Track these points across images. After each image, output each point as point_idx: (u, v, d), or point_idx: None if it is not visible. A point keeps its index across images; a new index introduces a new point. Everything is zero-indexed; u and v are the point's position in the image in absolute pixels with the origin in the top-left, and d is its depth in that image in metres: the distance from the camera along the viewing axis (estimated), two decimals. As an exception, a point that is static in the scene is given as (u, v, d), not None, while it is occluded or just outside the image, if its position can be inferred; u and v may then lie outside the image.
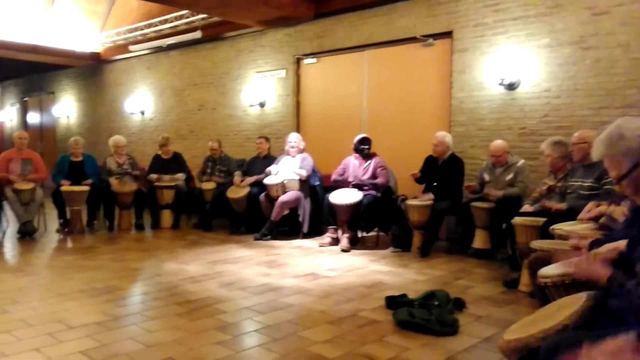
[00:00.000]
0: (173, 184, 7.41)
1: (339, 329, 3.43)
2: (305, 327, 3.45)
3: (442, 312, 3.53)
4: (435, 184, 5.95)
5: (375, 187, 6.19)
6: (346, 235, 6.10)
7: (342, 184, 6.36)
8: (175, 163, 7.75)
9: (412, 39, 6.88)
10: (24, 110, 15.12)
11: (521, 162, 5.51)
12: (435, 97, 6.84)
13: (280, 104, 8.44)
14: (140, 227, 7.33)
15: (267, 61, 8.55)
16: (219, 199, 7.11)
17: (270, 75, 8.49)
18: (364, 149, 6.37)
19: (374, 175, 6.27)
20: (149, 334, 3.28)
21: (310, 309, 3.84)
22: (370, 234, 6.60)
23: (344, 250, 5.97)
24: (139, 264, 5.30)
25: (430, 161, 6.14)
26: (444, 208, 5.76)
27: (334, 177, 6.48)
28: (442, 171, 5.95)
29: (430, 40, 6.73)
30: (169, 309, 3.81)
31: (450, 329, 3.35)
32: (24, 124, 14.92)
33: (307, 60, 8.16)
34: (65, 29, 11.20)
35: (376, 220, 6.29)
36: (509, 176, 5.48)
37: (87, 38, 11.39)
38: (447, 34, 6.58)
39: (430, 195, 5.88)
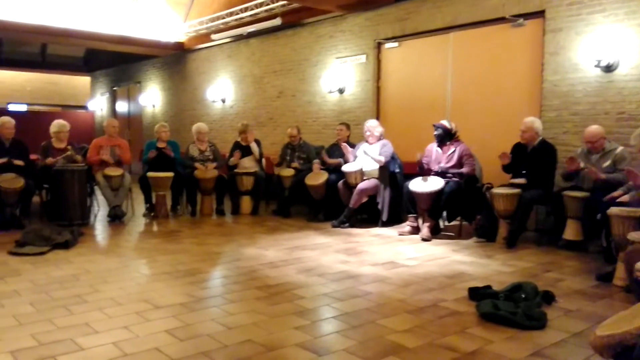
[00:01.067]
0: (253, 170, 7.50)
1: (418, 318, 3.32)
2: (383, 316, 3.37)
3: (529, 305, 3.34)
4: (524, 172, 5.61)
5: (460, 176, 5.94)
6: (427, 224, 5.91)
7: (425, 172, 6.14)
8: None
9: (500, 20, 6.57)
10: (113, 99, 15.97)
11: (620, 148, 5.09)
12: (525, 81, 6.47)
13: (360, 89, 8.31)
14: (220, 212, 7.50)
15: (347, 46, 8.44)
16: (298, 186, 7.12)
17: (350, 61, 8.38)
18: (435, 135, 6.13)
19: (459, 164, 6.01)
20: (229, 317, 3.32)
21: (389, 297, 3.76)
22: (453, 223, 6.36)
23: (424, 240, 5.79)
24: (220, 248, 5.40)
25: (518, 148, 5.79)
26: (533, 197, 5.43)
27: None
28: (532, 158, 5.60)
29: (521, 20, 6.40)
30: (249, 292, 3.84)
31: (537, 322, 3.18)
32: (113, 113, 15.76)
33: (388, 45, 7.96)
34: (152, 20, 11.67)
35: (459, 209, 6.04)
36: (606, 163, 5.08)
37: (172, 28, 11.81)
38: (539, 14, 6.21)
39: (521, 180, 5.54)
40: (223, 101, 11.22)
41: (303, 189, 7.02)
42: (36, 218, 6.73)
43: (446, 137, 6.12)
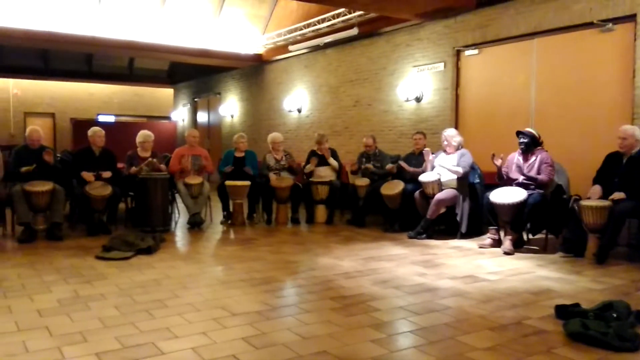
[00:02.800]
0: (328, 179, 7.49)
1: (501, 336, 3.14)
2: (463, 332, 3.21)
3: (622, 325, 3.09)
4: (616, 180, 5.21)
5: (535, 183, 5.61)
6: (509, 237, 5.61)
7: (506, 182, 5.86)
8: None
9: (587, 25, 6.26)
10: (194, 110, 16.62)
11: None
12: (615, 88, 6.11)
13: (438, 98, 8.12)
14: (295, 221, 7.53)
15: (425, 54, 8.29)
16: (373, 196, 7.02)
17: (428, 69, 8.21)
18: (520, 143, 5.82)
19: (538, 173, 5.68)
20: (304, 326, 3.29)
21: (469, 313, 3.59)
22: (537, 236, 6.01)
23: (506, 253, 5.50)
24: (295, 257, 5.40)
25: (612, 158, 5.39)
26: (627, 210, 5.02)
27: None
28: (629, 168, 5.19)
29: (610, 25, 6.07)
30: (324, 303, 3.80)
31: (630, 344, 2.94)
32: (194, 123, 16.39)
33: (468, 52, 7.73)
34: (231, 33, 12.05)
35: (544, 222, 5.69)
36: None
37: (251, 41, 12.13)
38: (629, 18, 5.87)
39: (621, 195, 5.13)
40: (299, 111, 11.35)
41: (378, 198, 6.91)
42: (122, 224, 7.07)
43: (532, 146, 5.81)
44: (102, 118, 18.57)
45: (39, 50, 15.39)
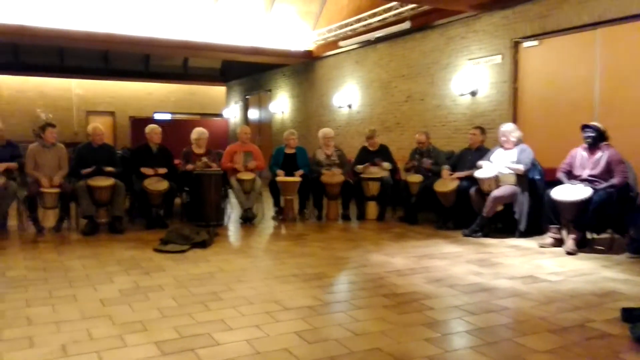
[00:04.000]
0: (379, 176, 7.41)
1: (563, 339, 3.02)
2: (522, 334, 3.10)
3: None
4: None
5: (611, 187, 5.33)
6: (572, 236, 5.37)
7: (568, 180, 5.61)
8: (381, 155, 7.74)
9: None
10: (245, 107, 16.88)
11: None
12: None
13: (495, 91, 7.87)
14: (346, 217, 7.50)
15: (481, 47, 8.06)
16: (426, 192, 6.88)
17: (484, 62, 7.98)
18: (587, 137, 5.54)
19: (607, 171, 5.40)
20: (356, 323, 3.27)
21: (529, 314, 3.46)
22: (602, 235, 5.72)
23: (569, 253, 5.27)
24: (346, 253, 5.37)
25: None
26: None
27: (559, 174, 5.76)
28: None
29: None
30: (376, 300, 3.76)
31: None
32: (246, 120, 16.65)
33: (527, 44, 7.46)
34: (282, 30, 12.14)
35: (610, 221, 5.41)
36: None
37: (301, 37, 12.19)
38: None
39: None
40: (349, 107, 11.31)
41: (432, 195, 6.77)
42: (177, 218, 7.25)
43: (598, 140, 5.53)
44: (158, 116, 19.13)
45: (100, 52, 16.06)
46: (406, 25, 8.88)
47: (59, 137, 6.74)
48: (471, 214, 6.32)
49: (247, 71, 15.98)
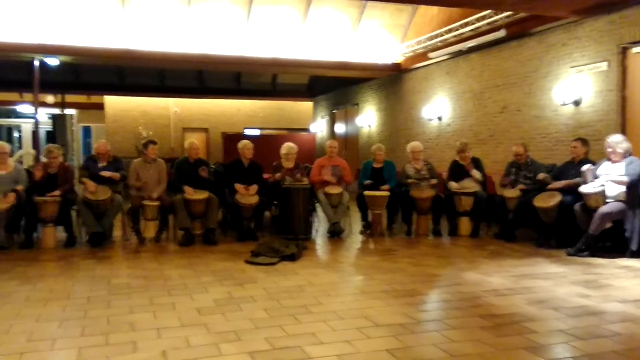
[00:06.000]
0: (472, 190, 7.13)
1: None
2: (636, 362, 2.83)
3: None
4: None
5: None
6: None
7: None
8: (474, 168, 7.45)
9: None
10: (332, 122, 17.05)
11: None
12: None
13: (600, 100, 7.33)
14: (437, 233, 7.27)
15: (584, 54, 7.55)
16: (524, 208, 6.50)
17: (587, 69, 7.47)
18: None
19: None
20: (451, 343, 3.15)
21: (644, 341, 3.17)
22: None
23: (690, 277, 4.75)
24: (438, 270, 5.20)
25: None
26: None
27: None
28: None
29: None
30: (472, 320, 3.60)
31: None
32: (332, 134, 16.80)
33: (636, 49, 6.89)
34: (369, 44, 12.15)
35: None
36: None
37: (388, 50, 12.13)
38: None
39: None
40: (439, 119, 11.04)
41: (531, 211, 6.38)
42: (267, 231, 7.38)
43: None
44: (248, 131, 19.80)
45: (195, 72, 16.92)
46: (501, 33, 8.55)
47: (157, 152, 7.11)
48: (575, 232, 5.89)
49: (334, 86, 16.17)
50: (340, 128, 16.55)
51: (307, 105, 19.79)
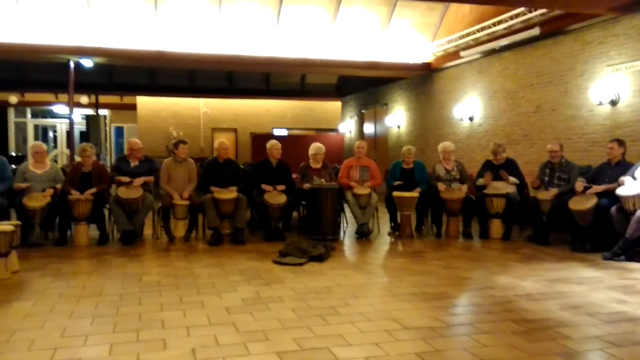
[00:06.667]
0: (504, 191, 6.97)
1: None
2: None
3: None
4: None
5: None
6: None
7: None
8: (507, 169, 7.28)
9: None
10: (360, 122, 16.94)
11: None
12: None
13: (638, 100, 7.11)
14: (467, 235, 7.14)
15: (622, 52, 7.34)
16: (559, 211, 6.33)
17: (625, 68, 7.25)
18: None
19: None
20: (482, 348, 3.08)
21: (687, 350, 3.04)
22: None
23: None
24: (469, 273, 5.11)
25: None
26: None
27: None
28: None
29: None
30: (503, 325, 3.52)
31: None
32: (361, 134, 16.70)
33: (676, 46, 6.67)
34: (399, 43, 12.06)
35: None
36: None
37: (419, 49, 12.02)
38: None
39: None
40: (471, 119, 10.88)
41: (566, 214, 6.21)
42: (294, 231, 7.38)
43: None
44: (276, 131, 19.90)
45: (225, 72, 17.09)
46: (535, 31, 8.36)
47: (187, 152, 7.18)
48: (612, 235, 5.73)
49: (363, 86, 16.10)
50: (369, 128, 16.45)
51: (335, 106, 19.75)
